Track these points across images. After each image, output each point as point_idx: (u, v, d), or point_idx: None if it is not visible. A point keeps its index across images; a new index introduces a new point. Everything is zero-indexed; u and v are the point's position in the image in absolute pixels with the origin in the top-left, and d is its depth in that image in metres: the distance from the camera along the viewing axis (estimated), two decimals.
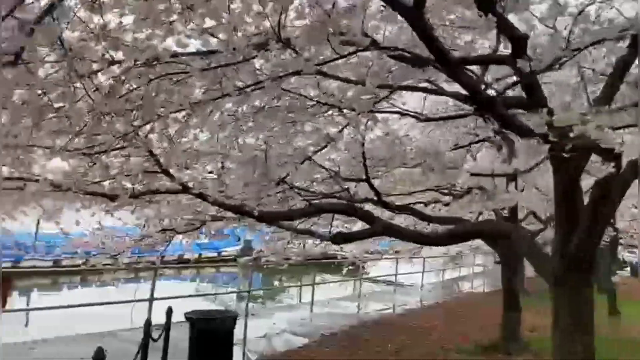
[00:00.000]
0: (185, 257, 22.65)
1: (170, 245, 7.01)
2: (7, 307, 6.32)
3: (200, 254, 24.44)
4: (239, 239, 27.49)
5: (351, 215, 4.86)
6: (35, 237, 18.27)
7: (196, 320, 5.49)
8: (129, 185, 4.93)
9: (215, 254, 26.05)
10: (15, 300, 6.60)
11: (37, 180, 4.42)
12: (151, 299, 7.49)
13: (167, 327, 5.11)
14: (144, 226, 7.73)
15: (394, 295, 14.34)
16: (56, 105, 2.50)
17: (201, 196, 4.63)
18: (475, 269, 23.69)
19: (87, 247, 6.88)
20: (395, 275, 14.95)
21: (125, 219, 6.80)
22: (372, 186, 5.04)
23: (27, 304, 13.38)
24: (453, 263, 21.00)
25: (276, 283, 20.77)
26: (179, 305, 7.95)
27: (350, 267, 14.08)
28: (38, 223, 15.77)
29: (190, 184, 4.71)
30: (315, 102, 4.31)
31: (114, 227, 6.86)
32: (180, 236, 7.17)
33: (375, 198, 5.32)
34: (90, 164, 4.06)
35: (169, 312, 5.48)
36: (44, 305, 11.53)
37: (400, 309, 12.42)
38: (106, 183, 5.03)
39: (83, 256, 6.88)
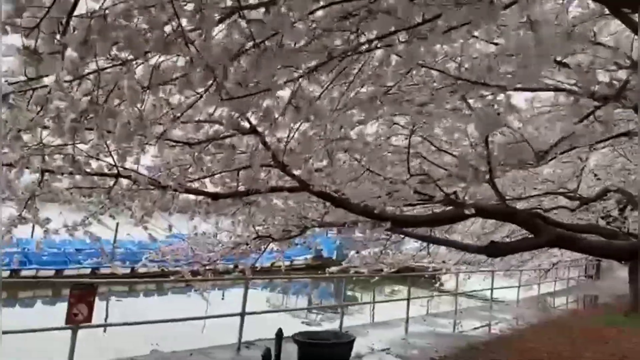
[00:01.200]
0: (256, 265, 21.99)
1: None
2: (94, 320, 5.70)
3: (272, 263, 23.80)
4: (309, 248, 26.81)
5: (509, 221, 3.82)
6: (114, 243, 17.91)
7: (305, 344, 4.63)
8: (233, 183, 4.17)
9: (288, 263, 25.44)
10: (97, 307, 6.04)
11: (129, 177, 3.70)
12: (243, 313, 6.69)
13: (277, 353, 4.28)
14: (215, 234, 7.02)
15: (491, 311, 12.99)
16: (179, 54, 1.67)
17: (324, 195, 3.76)
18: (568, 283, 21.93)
19: (175, 255, 6.20)
20: (492, 289, 13.57)
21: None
22: (496, 189, 4.04)
23: (106, 312, 13.16)
24: (545, 276, 19.24)
25: (349, 294, 19.86)
26: (265, 319, 7.19)
27: (442, 281, 12.93)
28: (117, 228, 15.48)
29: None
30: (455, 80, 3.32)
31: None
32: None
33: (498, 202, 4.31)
34: (197, 154, 3.28)
35: (279, 335, 4.64)
36: (126, 315, 11.17)
37: (504, 327, 11.12)
38: (207, 181, 4.31)
39: (169, 265, 6.14)
